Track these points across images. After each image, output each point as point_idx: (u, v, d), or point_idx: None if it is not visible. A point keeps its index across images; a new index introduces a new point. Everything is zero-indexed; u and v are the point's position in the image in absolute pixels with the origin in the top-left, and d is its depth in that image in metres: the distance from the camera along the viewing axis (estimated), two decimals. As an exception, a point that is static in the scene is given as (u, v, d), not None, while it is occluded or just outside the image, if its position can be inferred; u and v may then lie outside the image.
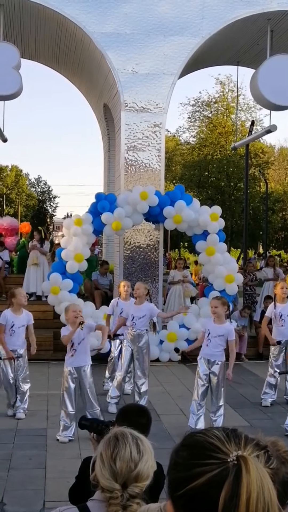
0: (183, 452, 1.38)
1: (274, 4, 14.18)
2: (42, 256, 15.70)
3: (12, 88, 13.62)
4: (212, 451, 1.33)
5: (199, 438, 1.38)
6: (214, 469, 1.29)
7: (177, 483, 1.35)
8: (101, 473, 2.46)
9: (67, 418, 8.21)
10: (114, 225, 12.95)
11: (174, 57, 14.10)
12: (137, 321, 9.63)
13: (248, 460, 1.30)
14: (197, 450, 1.35)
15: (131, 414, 3.67)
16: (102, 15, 13.87)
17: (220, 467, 1.29)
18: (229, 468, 1.28)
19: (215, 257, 13.44)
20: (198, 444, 1.37)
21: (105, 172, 19.53)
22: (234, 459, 1.30)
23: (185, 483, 1.32)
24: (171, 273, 16.52)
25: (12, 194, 78.20)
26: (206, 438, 1.36)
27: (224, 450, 1.32)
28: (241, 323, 14.13)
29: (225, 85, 42.33)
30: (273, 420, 9.43)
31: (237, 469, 1.28)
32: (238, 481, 1.26)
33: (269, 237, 47.62)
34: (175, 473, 1.37)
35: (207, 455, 1.32)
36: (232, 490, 1.26)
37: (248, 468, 1.28)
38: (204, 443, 1.36)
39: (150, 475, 2.48)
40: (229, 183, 44.28)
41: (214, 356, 8.53)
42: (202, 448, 1.35)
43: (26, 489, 6.57)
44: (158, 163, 14.21)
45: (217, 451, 1.32)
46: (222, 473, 1.28)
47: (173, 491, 1.36)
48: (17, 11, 14.43)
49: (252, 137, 20.56)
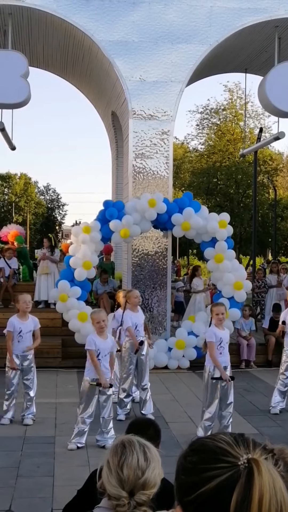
0: (192, 457, 1.37)
1: (282, 11, 14.19)
2: (53, 264, 15.74)
3: (20, 97, 13.68)
4: (222, 454, 1.32)
5: (207, 443, 1.37)
6: (224, 473, 1.28)
7: (187, 488, 1.34)
8: (108, 481, 2.45)
9: (83, 425, 8.17)
10: (122, 232, 12.95)
11: (182, 65, 14.12)
12: (140, 328, 9.71)
13: (259, 462, 1.29)
14: (206, 454, 1.35)
15: (139, 427, 3.71)
16: (110, 23, 13.92)
17: (231, 471, 1.28)
18: (240, 471, 1.28)
19: (224, 264, 13.41)
20: (207, 448, 1.36)
21: (113, 180, 19.56)
22: (245, 462, 1.29)
23: (196, 488, 1.31)
24: (195, 281, 16.31)
25: (21, 202, 78.39)
26: (215, 442, 1.36)
27: (233, 454, 1.32)
28: (247, 327, 14.07)
29: (234, 92, 42.36)
30: (282, 428, 9.38)
31: (248, 472, 1.27)
32: (250, 483, 1.26)
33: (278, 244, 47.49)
34: (184, 478, 1.36)
35: (217, 459, 1.32)
36: (244, 492, 1.25)
37: (260, 470, 1.28)
38: (213, 447, 1.35)
39: (158, 482, 2.47)
40: (238, 190, 44.23)
41: (227, 362, 8.78)
42: (211, 452, 1.34)
43: (34, 497, 6.55)
44: (166, 170, 14.21)
45: (227, 455, 1.32)
46: (233, 476, 1.27)
47: (182, 496, 1.35)
48: (25, 20, 14.50)
49: (260, 144, 20.54)
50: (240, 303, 13.62)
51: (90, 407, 8.19)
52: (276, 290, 16.66)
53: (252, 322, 14.34)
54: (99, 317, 8.24)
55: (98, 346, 8.17)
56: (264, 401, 10.74)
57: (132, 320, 9.78)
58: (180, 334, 13.48)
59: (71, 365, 13.05)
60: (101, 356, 8.21)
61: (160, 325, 14.09)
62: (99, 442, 8.20)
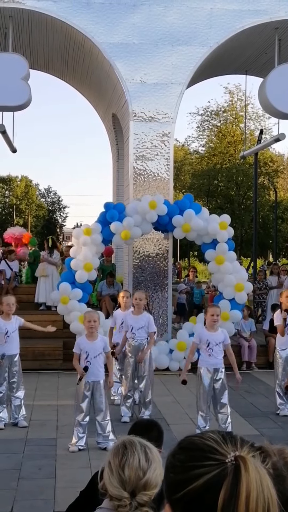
0: (180, 455, 1.38)
1: (282, 13, 14.20)
2: (52, 266, 15.77)
3: (21, 99, 13.70)
4: (210, 452, 1.32)
5: (195, 441, 1.38)
6: (212, 470, 1.29)
7: (175, 485, 1.34)
8: (109, 481, 2.46)
9: (80, 428, 8.19)
10: (123, 234, 12.95)
11: (182, 67, 14.14)
12: (137, 331, 9.65)
13: (246, 459, 1.30)
14: (194, 452, 1.35)
15: (141, 430, 3.68)
16: (110, 25, 13.94)
17: (219, 468, 1.29)
18: (228, 469, 1.28)
19: (225, 266, 13.40)
20: (195, 446, 1.36)
21: (114, 182, 19.57)
22: (233, 459, 1.30)
23: (183, 486, 1.32)
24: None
25: (22, 204, 78.47)
26: (203, 440, 1.36)
27: (221, 451, 1.32)
28: (248, 327, 14.06)
29: (234, 94, 42.39)
30: (283, 429, 9.37)
31: (235, 469, 1.28)
32: (237, 480, 1.26)
33: (279, 245, 47.46)
34: (172, 476, 1.37)
35: (204, 456, 1.32)
36: (231, 490, 1.26)
37: (247, 467, 1.28)
38: (201, 445, 1.35)
39: (159, 483, 2.47)
40: (239, 192, 44.24)
41: (219, 364, 8.79)
42: (199, 450, 1.35)
43: (36, 499, 6.55)
44: (166, 172, 14.22)
45: (215, 453, 1.32)
46: (221, 473, 1.28)
47: (171, 494, 1.36)
48: (26, 22, 14.52)
49: (260, 145, 20.54)
50: (241, 305, 13.61)
51: (84, 408, 8.20)
52: (277, 291, 16.64)
53: (252, 322, 14.33)
54: (91, 317, 8.30)
55: (85, 348, 8.24)
56: (265, 403, 10.74)
57: (128, 322, 9.74)
58: (181, 336, 13.47)
59: (73, 367, 13.02)
60: (90, 357, 8.26)
61: (161, 327, 14.09)
62: (100, 444, 8.21)
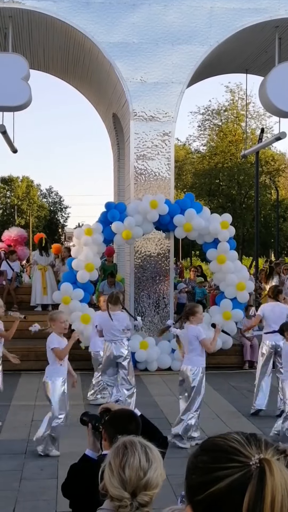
0: (203, 456, 1.36)
1: (282, 12, 14.18)
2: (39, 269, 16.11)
3: (21, 99, 13.68)
4: (234, 454, 1.31)
5: (219, 442, 1.36)
6: (236, 473, 1.27)
7: (197, 487, 1.33)
8: (110, 482, 2.44)
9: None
10: (124, 234, 12.94)
11: (182, 66, 14.12)
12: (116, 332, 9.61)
13: (272, 462, 1.28)
14: (218, 453, 1.33)
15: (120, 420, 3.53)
16: (110, 25, 13.92)
17: (242, 470, 1.27)
18: (252, 471, 1.26)
19: (226, 265, 13.39)
20: (218, 447, 1.35)
21: (115, 182, 19.55)
22: (257, 462, 1.28)
23: (206, 487, 1.30)
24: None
25: (23, 205, 78.46)
26: (226, 441, 1.34)
27: (245, 454, 1.30)
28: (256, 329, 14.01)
29: (235, 93, 42.35)
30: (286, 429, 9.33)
31: (260, 472, 1.26)
32: (262, 484, 1.24)
33: (280, 244, 47.45)
34: (194, 478, 1.35)
35: (228, 458, 1.30)
36: (256, 493, 1.24)
37: (272, 470, 1.26)
38: (224, 446, 1.34)
39: (160, 483, 2.46)
40: (240, 191, 44.23)
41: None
42: (223, 451, 1.33)
43: (38, 500, 6.54)
44: (167, 171, 14.21)
45: (239, 455, 1.30)
46: (245, 476, 1.26)
47: (193, 496, 1.34)
48: (26, 23, 14.51)
49: (261, 144, 20.53)
50: (243, 304, 13.59)
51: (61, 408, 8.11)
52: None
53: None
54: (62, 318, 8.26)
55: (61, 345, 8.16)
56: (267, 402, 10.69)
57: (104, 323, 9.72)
58: (183, 336, 13.44)
59: (74, 367, 12.91)
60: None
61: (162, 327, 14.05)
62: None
